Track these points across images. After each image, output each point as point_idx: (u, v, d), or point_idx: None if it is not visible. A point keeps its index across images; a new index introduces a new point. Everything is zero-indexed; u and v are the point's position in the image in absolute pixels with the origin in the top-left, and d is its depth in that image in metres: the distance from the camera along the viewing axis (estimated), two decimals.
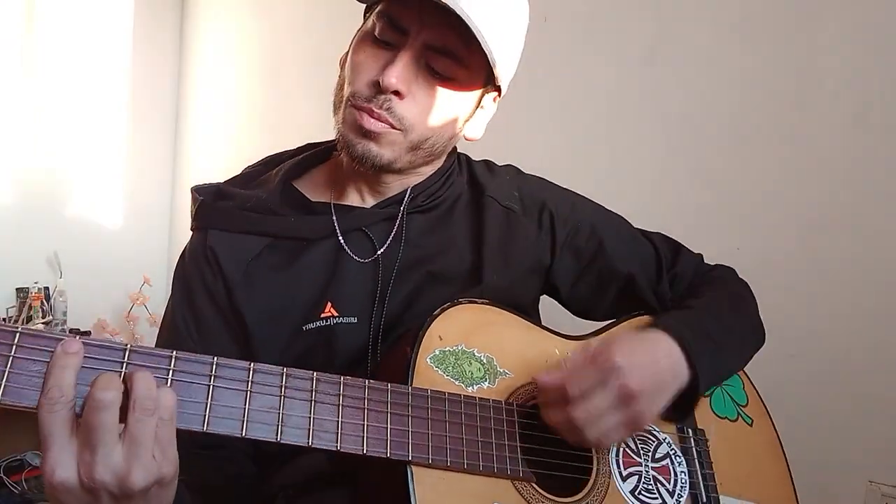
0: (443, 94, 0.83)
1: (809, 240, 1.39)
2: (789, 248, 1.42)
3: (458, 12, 0.75)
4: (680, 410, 0.85)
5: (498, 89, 0.90)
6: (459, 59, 0.81)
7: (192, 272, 0.89)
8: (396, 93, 0.80)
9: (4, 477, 2.48)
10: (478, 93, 0.87)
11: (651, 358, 0.78)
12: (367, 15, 0.87)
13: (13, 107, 2.85)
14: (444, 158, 0.96)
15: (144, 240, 3.25)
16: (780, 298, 1.39)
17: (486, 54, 0.78)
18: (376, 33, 0.82)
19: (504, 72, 0.85)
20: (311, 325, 0.84)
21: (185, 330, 0.86)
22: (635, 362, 0.75)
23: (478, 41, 0.77)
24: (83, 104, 3.05)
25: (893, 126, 1.29)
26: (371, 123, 0.81)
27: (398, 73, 0.79)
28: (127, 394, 0.55)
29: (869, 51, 1.32)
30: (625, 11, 1.72)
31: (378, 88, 0.80)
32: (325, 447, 0.65)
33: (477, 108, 0.89)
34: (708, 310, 0.91)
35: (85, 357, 0.56)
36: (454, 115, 0.86)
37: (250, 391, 0.63)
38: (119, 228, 3.19)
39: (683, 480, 0.86)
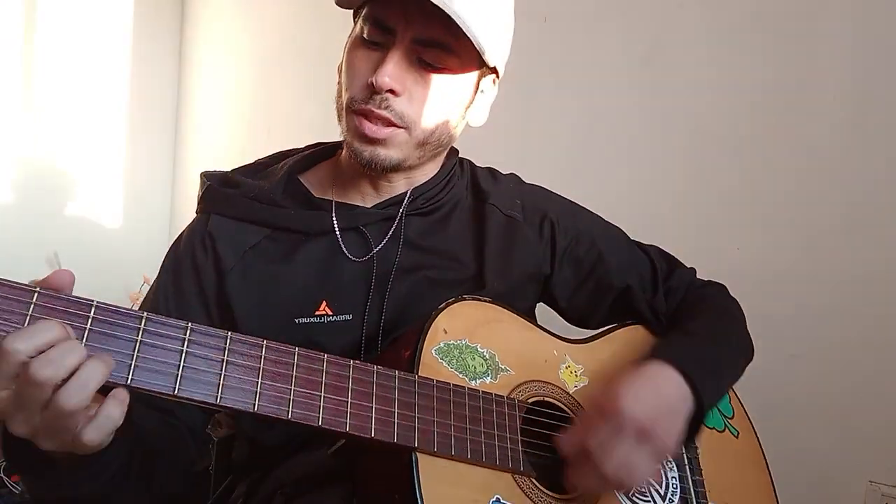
0: (438, 84, 0.84)
1: (809, 240, 1.39)
2: (789, 247, 1.42)
3: (442, 7, 0.75)
4: (687, 434, 0.86)
5: (495, 71, 0.90)
6: (449, 48, 0.82)
7: (184, 251, 0.90)
8: (391, 91, 0.80)
9: (4, 477, 2.47)
10: (474, 77, 0.88)
11: (655, 390, 0.79)
12: (356, 20, 0.88)
13: (13, 107, 2.85)
14: (445, 154, 0.96)
15: (144, 240, 3.24)
16: (780, 298, 1.39)
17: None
18: (365, 36, 0.83)
19: (496, 54, 0.86)
20: (305, 320, 0.85)
21: (164, 308, 0.86)
22: (641, 399, 0.76)
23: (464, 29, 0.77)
24: (83, 104, 3.05)
25: (893, 126, 1.29)
26: (374, 130, 0.82)
27: (389, 72, 0.79)
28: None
29: (869, 51, 1.32)
30: (625, 12, 1.73)
31: (374, 89, 0.80)
32: (333, 429, 0.65)
33: (476, 92, 0.90)
34: (704, 335, 0.92)
35: (99, 321, 0.59)
36: (454, 103, 0.87)
37: (262, 367, 0.64)
38: (119, 228, 3.19)
39: (675, 485, 0.88)
